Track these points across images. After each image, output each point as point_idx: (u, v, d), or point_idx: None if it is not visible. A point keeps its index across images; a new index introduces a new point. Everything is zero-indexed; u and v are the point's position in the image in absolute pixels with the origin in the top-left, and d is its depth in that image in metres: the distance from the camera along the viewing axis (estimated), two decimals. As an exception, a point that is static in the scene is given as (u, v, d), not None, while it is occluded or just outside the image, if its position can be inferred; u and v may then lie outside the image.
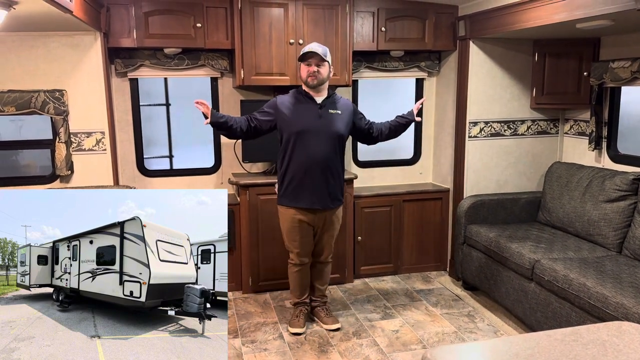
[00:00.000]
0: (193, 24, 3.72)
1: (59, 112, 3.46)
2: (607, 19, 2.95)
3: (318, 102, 3.22)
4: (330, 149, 3.20)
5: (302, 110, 3.21)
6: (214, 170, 4.33)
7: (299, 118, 3.19)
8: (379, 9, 4.02)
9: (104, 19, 3.47)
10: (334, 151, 3.22)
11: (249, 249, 3.96)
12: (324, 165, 3.19)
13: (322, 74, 3.17)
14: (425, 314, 3.70)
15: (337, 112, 3.24)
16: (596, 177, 3.61)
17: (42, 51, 3.45)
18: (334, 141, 3.21)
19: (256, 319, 3.64)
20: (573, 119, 4.21)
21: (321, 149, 3.17)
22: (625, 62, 3.47)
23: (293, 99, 3.26)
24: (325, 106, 3.22)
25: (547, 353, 1.33)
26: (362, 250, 4.31)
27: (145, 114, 4.17)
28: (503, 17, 3.57)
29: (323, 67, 3.17)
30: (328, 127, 3.19)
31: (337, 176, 3.29)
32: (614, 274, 2.91)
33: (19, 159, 4.48)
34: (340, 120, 3.24)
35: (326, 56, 3.17)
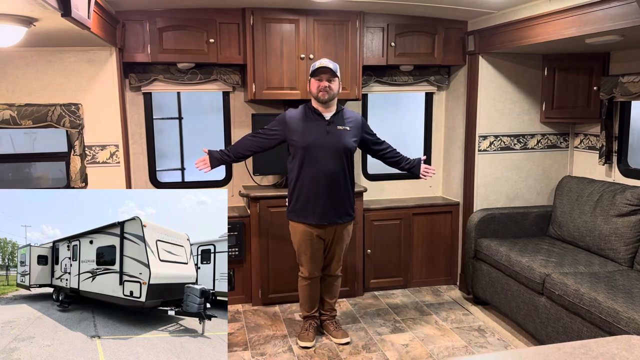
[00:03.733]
0: (206, 39, 3.79)
1: (74, 125, 3.53)
2: (617, 34, 2.97)
3: (326, 119, 3.25)
4: (338, 164, 3.22)
5: (310, 126, 3.23)
6: (225, 183, 4.37)
7: (306, 134, 3.22)
8: (389, 24, 4.06)
9: (119, 34, 3.55)
10: (341, 167, 3.24)
11: (259, 261, 3.98)
12: (332, 180, 3.22)
13: (333, 90, 3.21)
14: (435, 328, 3.69)
15: (345, 128, 3.26)
16: (607, 192, 3.60)
17: (58, 66, 3.53)
18: (342, 157, 3.24)
19: (266, 331, 3.65)
20: (583, 133, 4.21)
21: (329, 165, 3.20)
22: (635, 76, 3.48)
23: (302, 115, 3.28)
24: (333, 122, 3.24)
25: (557, 366, 1.33)
26: (371, 264, 4.31)
27: (157, 127, 4.24)
28: (512, 32, 3.60)
29: (334, 82, 3.21)
30: (336, 143, 3.22)
31: (346, 191, 3.30)
32: (625, 288, 2.89)
33: (32, 171, 4.55)
34: (348, 136, 3.26)
35: (337, 72, 3.22)
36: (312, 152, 3.20)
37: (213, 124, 4.36)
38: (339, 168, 3.23)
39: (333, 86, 3.20)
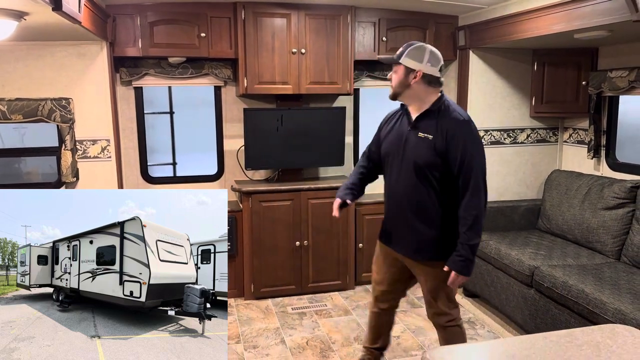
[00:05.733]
0: (197, 33, 3.79)
1: (65, 120, 3.52)
2: (605, 30, 3.00)
3: (411, 121, 2.47)
4: (407, 183, 2.43)
5: (394, 129, 2.55)
6: (217, 177, 4.38)
7: (387, 138, 2.57)
8: (380, 19, 4.08)
9: (110, 28, 3.54)
10: (418, 187, 2.41)
11: (251, 255, 4.00)
12: (404, 202, 2.47)
13: (393, 82, 2.46)
14: (426, 320, 3.72)
15: (427, 136, 2.37)
16: (595, 185, 3.65)
17: (49, 60, 3.52)
18: (413, 174, 2.40)
19: (258, 324, 3.67)
20: (572, 128, 4.25)
21: (401, 182, 2.46)
22: (622, 71, 3.52)
23: (397, 114, 2.61)
24: (416, 127, 2.43)
25: (543, 354, 1.37)
26: (363, 257, 4.34)
27: (149, 121, 4.23)
28: (502, 27, 3.63)
29: (395, 72, 2.45)
30: (406, 155, 2.43)
31: (425, 221, 2.43)
32: (612, 280, 2.94)
33: (21, 166, 4.53)
34: (423, 147, 2.37)
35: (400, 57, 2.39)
36: (387, 162, 2.56)
37: (204, 118, 4.36)
38: (414, 188, 2.41)
39: (394, 78, 2.45)
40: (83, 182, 3.68)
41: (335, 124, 4.18)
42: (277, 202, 4.00)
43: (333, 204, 2.61)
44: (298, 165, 4.25)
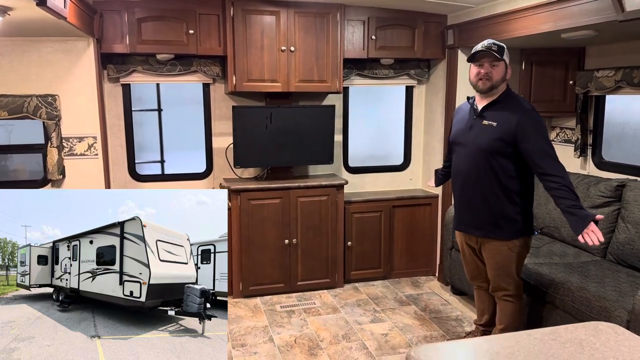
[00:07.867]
0: (185, 30, 3.77)
1: (51, 117, 3.48)
2: (591, 29, 3.03)
3: (477, 110, 2.80)
4: (474, 166, 2.77)
5: (461, 119, 2.91)
6: (206, 175, 4.35)
7: (455, 127, 2.95)
8: (370, 17, 4.08)
9: (97, 24, 3.50)
10: (480, 170, 2.75)
11: (239, 253, 3.99)
12: (467, 184, 2.84)
13: (495, 77, 2.70)
14: (414, 318, 3.74)
15: (491, 123, 2.70)
16: (581, 184, 3.68)
17: (34, 56, 3.47)
18: (480, 158, 2.74)
19: (246, 322, 3.66)
20: (559, 127, 4.28)
21: (468, 166, 2.81)
22: (609, 71, 3.55)
23: (466, 105, 2.95)
24: (482, 115, 2.76)
25: (527, 351, 1.38)
26: (352, 255, 4.35)
27: (137, 119, 4.20)
28: (490, 26, 3.64)
29: (497, 67, 2.70)
30: (473, 141, 2.78)
31: (494, 199, 2.74)
32: (597, 278, 2.97)
33: (8, 163, 4.48)
34: (489, 133, 2.71)
35: (503, 53, 2.71)
36: (456, 149, 2.91)
37: (193, 116, 4.33)
38: (481, 170, 2.74)
39: (495, 73, 2.69)
40: (70, 179, 3.65)
41: (324, 122, 4.18)
42: (266, 200, 3.99)
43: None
44: (287, 163, 4.24)
